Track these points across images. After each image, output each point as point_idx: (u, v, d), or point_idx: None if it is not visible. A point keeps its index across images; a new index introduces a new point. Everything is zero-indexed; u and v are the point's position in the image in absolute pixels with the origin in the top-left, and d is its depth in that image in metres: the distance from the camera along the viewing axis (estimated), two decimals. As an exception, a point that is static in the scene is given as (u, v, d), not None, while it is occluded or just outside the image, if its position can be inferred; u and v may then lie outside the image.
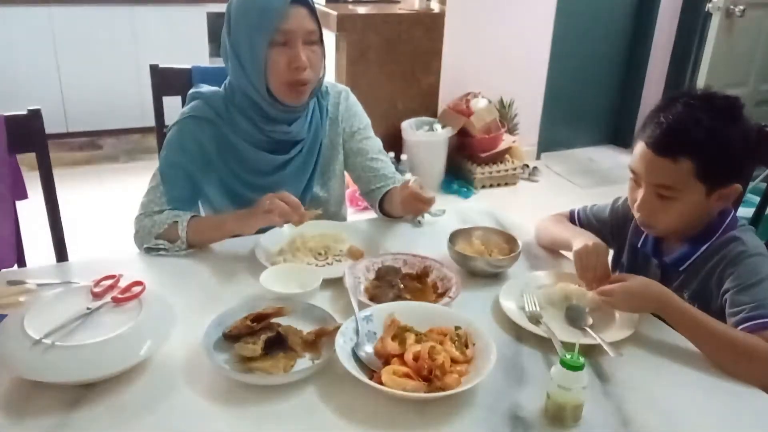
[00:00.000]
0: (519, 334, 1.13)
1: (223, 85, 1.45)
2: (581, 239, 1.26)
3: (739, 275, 1.15)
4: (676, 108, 1.17)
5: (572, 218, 1.47)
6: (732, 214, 1.24)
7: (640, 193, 1.21)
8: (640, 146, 1.20)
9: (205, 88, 1.46)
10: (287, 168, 1.46)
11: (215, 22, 4.20)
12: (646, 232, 1.33)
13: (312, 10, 1.34)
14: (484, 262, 1.30)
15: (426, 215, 1.54)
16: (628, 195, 1.28)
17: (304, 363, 1.01)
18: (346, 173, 1.63)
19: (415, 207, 1.41)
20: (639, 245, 1.35)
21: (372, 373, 0.97)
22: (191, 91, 1.47)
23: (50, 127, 1.53)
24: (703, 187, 1.16)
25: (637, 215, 1.25)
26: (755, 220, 1.49)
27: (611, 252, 1.46)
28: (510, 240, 1.38)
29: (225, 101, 1.41)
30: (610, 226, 1.43)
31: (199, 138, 1.41)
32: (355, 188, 1.68)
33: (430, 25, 3.78)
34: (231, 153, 1.43)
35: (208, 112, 1.41)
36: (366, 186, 1.58)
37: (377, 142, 1.60)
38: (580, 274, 1.22)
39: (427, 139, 3.76)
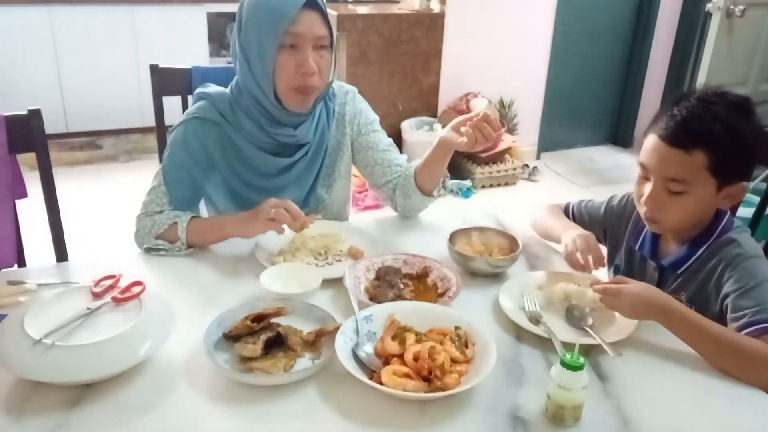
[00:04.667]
0: (519, 334, 1.13)
1: (229, 86, 1.44)
2: (569, 232, 1.28)
3: (738, 279, 1.14)
4: (689, 102, 1.16)
5: (566, 212, 1.48)
6: (727, 216, 1.24)
7: (648, 188, 1.20)
8: (651, 139, 1.19)
9: (212, 88, 1.44)
10: (292, 171, 1.46)
11: (215, 22, 4.20)
12: (643, 235, 1.32)
13: (324, 15, 1.32)
14: (484, 262, 1.30)
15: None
16: (635, 190, 1.26)
17: (304, 363, 1.01)
18: (351, 174, 1.63)
19: (483, 133, 1.32)
20: (636, 248, 1.34)
21: (372, 373, 0.97)
22: (198, 90, 1.46)
23: (50, 127, 1.53)
24: (714, 182, 1.15)
25: (643, 210, 1.23)
26: (755, 220, 1.49)
27: (604, 250, 1.46)
28: (510, 240, 1.38)
29: (231, 102, 1.41)
30: (604, 225, 1.44)
31: (203, 139, 1.41)
32: (356, 188, 1.67)
33: (430, 25, 3.78)
34: (235, 155, 1.43)
35: (213, 114, 1.40)
36: (380, 179, 1.56)
37: (387, 137, 1.58)
38: (572, 262, 1.23)
39: (427, 139, 3.75)
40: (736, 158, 1.15)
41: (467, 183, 3.84)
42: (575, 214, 1.47)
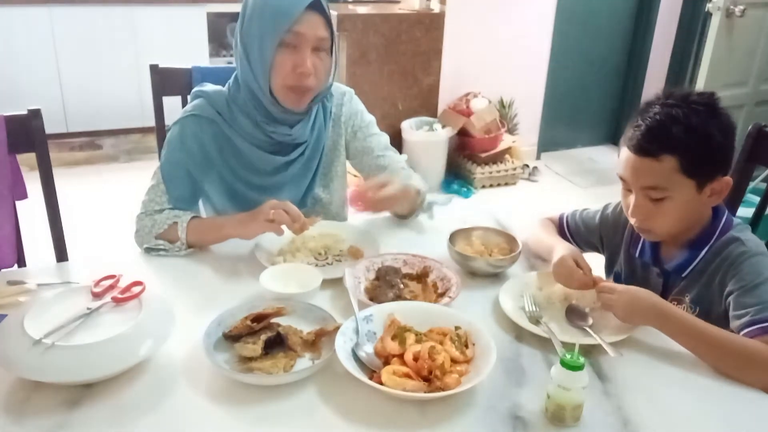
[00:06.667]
0: (519, 334, 1.13)
1: (226, 84, 1.44)
2: (556, 253, 1.26)
3: (741, 277, 1.14)
4: (653, 110, 1.17)
5: (561, 224, 1.47)
6: (726, 214, 1.24)
7: (632, 199, 1.20)
8: (623, 152, 1.20)
9: (209, 86, 1.45)
10: (288, 169, 1.46)
11: (215, 22, 4.20)
12: (642, 241, 1.31)
13: (327, 19, 1.33)
14: (484, 262, 1.30)
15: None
16: (622, 202, 1.27)
17: (304, 363, 1.01)
18: (347, 174, 1.63)
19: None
20: (637, 255, 1.33)
21: (372, 373, 0.97)
22: (195, 89, 1.46)
23: (50, 127, 1.53)
24: (692, 182, 1.15)
25: (632, 221, 1.24)
26: (755, 220, 1.49)
27: (602, 258, 1.45)
28: (510, 240, 1.38)
29: (228, 100, 1.41)
30: (600, 234, 1.42)
31: (200, 137, 1.41)
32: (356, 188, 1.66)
33: (430, 25, 3.78)
34: (232, 152, 1.43)
35: (210, 111, 1.41)
36: None
37: (383, 139, 1.58)
38: (565, 285, 1.22)
39: (427, 139, 3.76)
40: (705, 156, 1.15)
41: (467, 183, 3.85)
42: (570, 225, 1.45)
